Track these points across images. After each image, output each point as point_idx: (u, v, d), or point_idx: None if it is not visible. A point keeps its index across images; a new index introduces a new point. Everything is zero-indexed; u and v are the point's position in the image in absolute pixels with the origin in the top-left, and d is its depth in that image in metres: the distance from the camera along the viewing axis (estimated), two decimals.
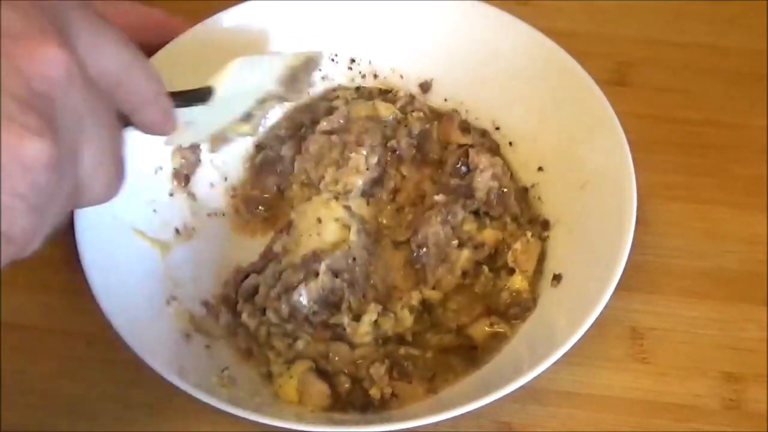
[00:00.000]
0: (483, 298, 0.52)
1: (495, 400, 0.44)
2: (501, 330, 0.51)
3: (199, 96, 0.42)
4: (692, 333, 0.53)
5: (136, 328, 0.45)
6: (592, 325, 0.46)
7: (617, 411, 0.50)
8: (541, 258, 0.53)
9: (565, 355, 0.45)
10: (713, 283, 0.54)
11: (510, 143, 0.57)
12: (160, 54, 0.54)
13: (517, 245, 0.53)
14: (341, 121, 0.57)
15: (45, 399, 0.49)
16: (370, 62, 0.60)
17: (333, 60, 0.59)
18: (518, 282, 0.52)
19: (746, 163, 0.59)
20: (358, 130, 0.56)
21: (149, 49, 0.54)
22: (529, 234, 0.53)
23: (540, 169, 0.56)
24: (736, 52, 0.65)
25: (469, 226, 0.54)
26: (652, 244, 0.56)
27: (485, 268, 0.53)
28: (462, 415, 0.44)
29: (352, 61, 0.59)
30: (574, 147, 0.54)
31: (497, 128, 0.58)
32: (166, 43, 0.55)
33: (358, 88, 0.60)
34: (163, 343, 0.47)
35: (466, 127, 0.58)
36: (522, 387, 0.44)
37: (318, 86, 0.59)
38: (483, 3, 0.58)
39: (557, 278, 0.51)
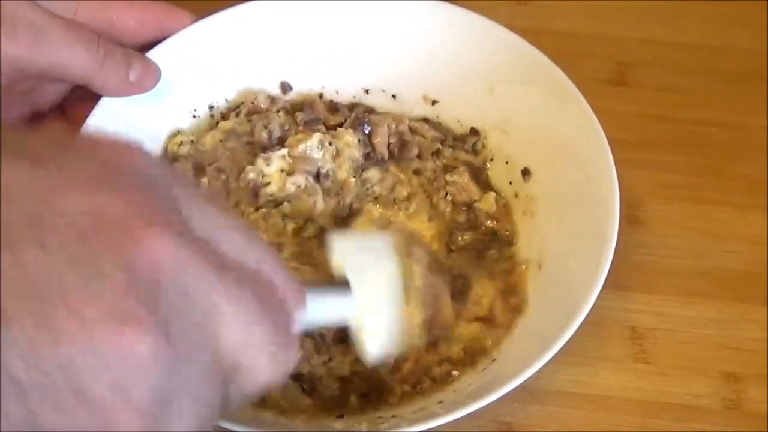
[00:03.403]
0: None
1: (495, 401, 0.44)
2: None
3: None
4: (692, 333, 0.53)
5: None
6: (590, 323, 0.46)
7: (617, 411, 0.50)
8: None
9: (565, 355, 0.45)
10: (713, 283, 0.54)
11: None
12: (156, 51, 0.54)
13: (454, 176, 0.55)
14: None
15: None
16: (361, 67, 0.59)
17: (194, 116, 0.57)
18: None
19: (746, 163, 0.59)
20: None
21: (148, 46, 0.54)
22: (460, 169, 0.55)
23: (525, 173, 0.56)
24: (736, 52, 0.65)
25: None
26: (652, 244, 0.56)
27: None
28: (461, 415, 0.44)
29: (211, 107, 0.58)
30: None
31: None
32: (165, 39, 0.55)
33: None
34: None
35: (333, 107, 0.58)
36: (522, 387, 0.44)
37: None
38: (444, 2, 0.58)
39: (526, 172, 0.54)
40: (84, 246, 0.25)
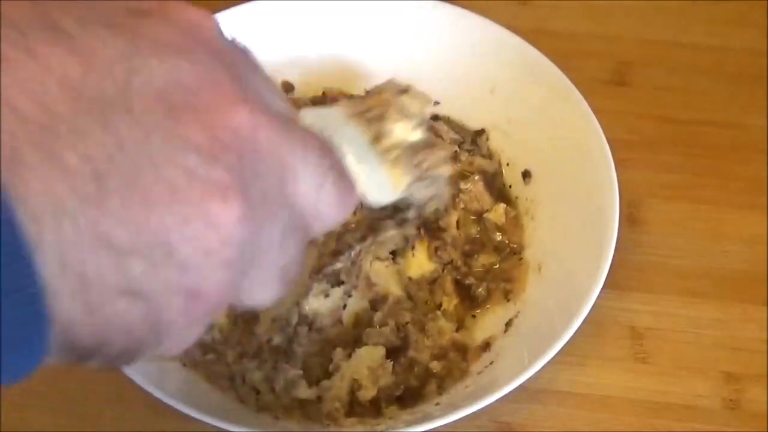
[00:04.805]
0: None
1: (494, 401, 0.44)
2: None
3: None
4: (692, 333, 0.53)
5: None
6: (590, 323, 0.46)
7: (617, 411, 0.50)
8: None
9: (565, 355, 0.45)
10: (713, 283, 0.54)
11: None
12: None
13: (468, 185, 0.55)
14: None
15: (45, 399, 0.49)
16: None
17: None
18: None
19: (746, 163, 0.59)
20: None
21: None
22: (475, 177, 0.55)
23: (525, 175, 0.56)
24: (736, 52, 0.65)
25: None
26: (652, 244, 0.56)
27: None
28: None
29: None
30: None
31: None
32: None
33: None
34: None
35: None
36: (522, 387, 0.44)
37: None
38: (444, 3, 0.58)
39: (527, 174, 0.54)
40: (168, 114, 0.25)
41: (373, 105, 0.42)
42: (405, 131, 0.43)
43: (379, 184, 0.41)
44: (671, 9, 0.67)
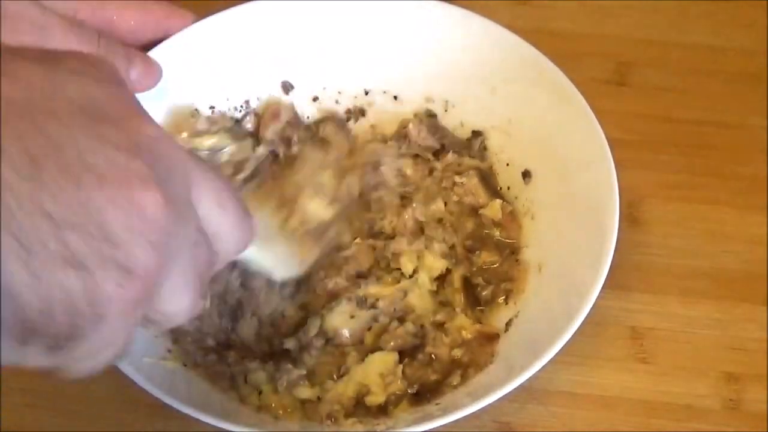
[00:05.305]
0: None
1: (495, 401, 0.44)
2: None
3: None
4: (692, 333, 0.53)
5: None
6: (590, 323, 0.46)
7: (617, 411, 0.50)
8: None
9: (565, 355, 0.45)
10: (713, 283, 0.54)
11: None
12: (156, 51, 0.54)
13: (463, 179, 0.55)
14: None
15: (45, 399, 0.49)
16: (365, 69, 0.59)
17: (194, 116, 0.57)
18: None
19: (746, 163, 0.59)
20: None
21: (148, 46, 0.54)
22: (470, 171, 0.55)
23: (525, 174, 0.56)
24: (736, 52, 0.65)
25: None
26: (652, 244, 0.56)
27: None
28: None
29: (212, 107, 0.57)
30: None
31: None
32: (165, 38, 0.55)
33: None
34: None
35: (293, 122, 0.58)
36: (522, 387, 0.44)
37: None
38: (441, 2, 0.58)
39: (527, 174, 0.54)
40: (89, 121, 0.29)
41: (288, 186, 0.49)
42: (318, 208, 0.49)
43: (285, 261, 0.46)
44: (671, 9, 0.67)
